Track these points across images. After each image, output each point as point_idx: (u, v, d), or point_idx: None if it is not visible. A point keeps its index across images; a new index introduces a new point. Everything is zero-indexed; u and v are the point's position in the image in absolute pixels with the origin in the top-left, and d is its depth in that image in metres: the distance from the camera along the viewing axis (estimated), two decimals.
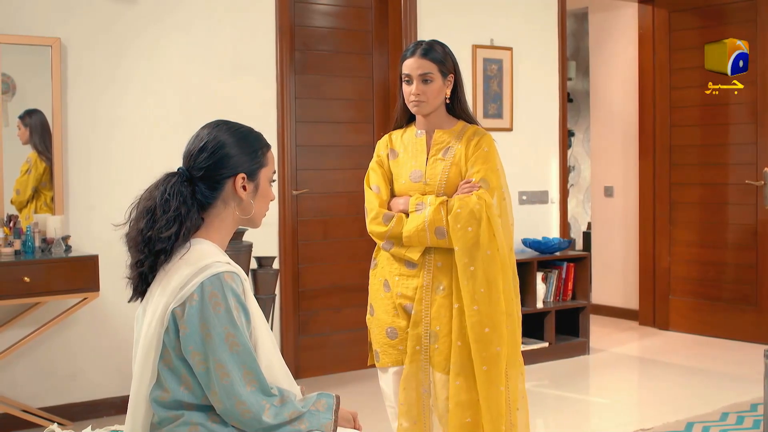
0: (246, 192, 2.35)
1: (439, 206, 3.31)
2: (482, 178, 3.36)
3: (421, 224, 3.31)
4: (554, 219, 7.12)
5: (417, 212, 3.35)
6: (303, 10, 6.01)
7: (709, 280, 7.39)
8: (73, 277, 4.63)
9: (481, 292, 3.28)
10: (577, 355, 6.69)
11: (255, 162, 2.36)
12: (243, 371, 2.18)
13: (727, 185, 7.26)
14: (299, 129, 5.96)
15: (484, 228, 3.28)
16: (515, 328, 3.41)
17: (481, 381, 3.28)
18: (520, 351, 3.47)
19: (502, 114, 6.74)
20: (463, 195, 3.33)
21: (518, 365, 3.44)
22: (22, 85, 4.97)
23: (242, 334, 2.20)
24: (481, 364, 3.28)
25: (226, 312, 2.18)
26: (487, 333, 3.28)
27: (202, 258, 2.24)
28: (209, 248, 2.29)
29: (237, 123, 2.41)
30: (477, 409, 3.31)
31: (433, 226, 3.30)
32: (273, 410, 2.22)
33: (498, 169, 3.42)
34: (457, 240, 3.29)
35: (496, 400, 3.30)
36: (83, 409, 5.11)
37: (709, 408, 5.18)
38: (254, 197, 2.38)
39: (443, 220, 3.29)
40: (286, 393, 2.29)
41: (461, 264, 3.29)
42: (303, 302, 6.03)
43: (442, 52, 3.41)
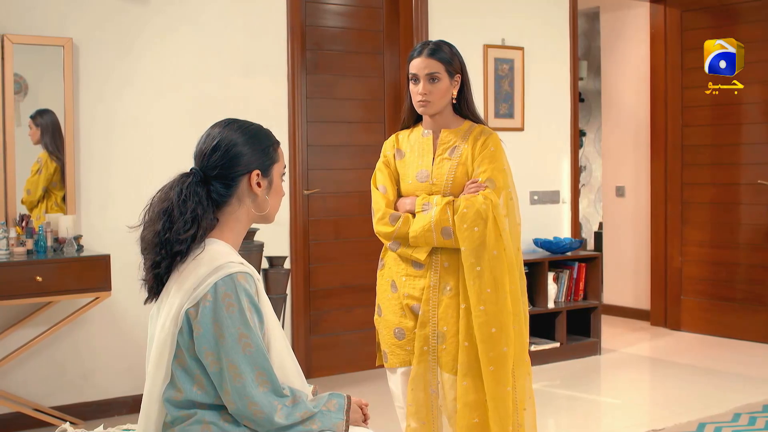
0: (261, 188, 2.37)
1: (446, 206, 3.30)
2: (489, 178, 3.35)
3: (428, 224, 3.31)
4: (565, 219, 7.11)
5: (423, 212, 3.35)
6: (314, 10, 6.01)
7: (721, 281, 7.37)
8: (85, 276, 4.64)
9: (488, 292, 3.28)
10: (589, 356, 6.67)
11: (268, 158, 2.38)
12: (255, 372, 2.19)
13: (739, 185, 7.23)
14: (310, 129, 5.97)
15: (491, 228, 3.28)
16: (522, 328, 3.41)
17: (488, 381, 3.28)
18: (527, 351, 3.46)
19: (513, 114, 6.73)
20: (469, 195, 3.33)
21: (525, 365, 3.43)
22: (34, 85, 4.98)
23: (255, 334, 2.20)
24: (488, 364, 3.27)
25: (239, 312, 2.18)
26: (494, 333, 3.27)
27: (215, 258, 2.24)
28: (223, 248, 2.30)
29: (246, 121, 2.43)
30: (484, 410, 3.31)
31: (440, 226, 3.30)
32: (285, 411, 2.22)
33: (505, 168, 3.42)
34: (464, 240, 3.28)
35: (503, 400, 3.29)
36: (95, 409, 5.12)
37: (721, 409, 5.16)
38: (269, 193, 2.40)
39: (449, 220, 3.29)
40: (298, 393, 2.29)
41: (468, 264, 3.28)
42: (314, 302, 6.04)
43: (449, 52, 3.41)
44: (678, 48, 7.53)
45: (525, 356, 3.43)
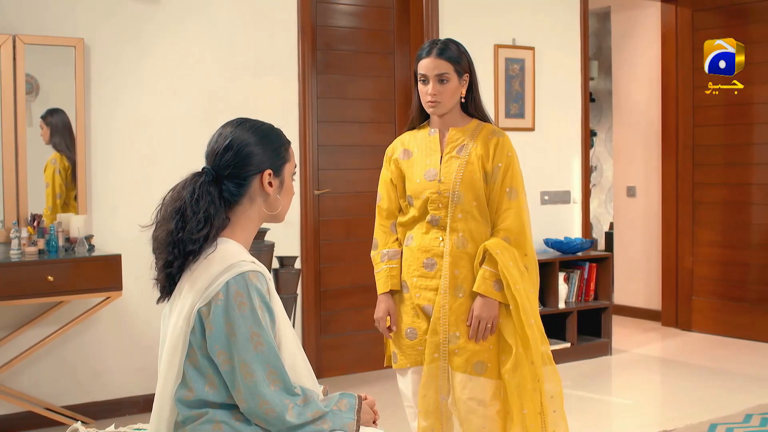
0: (272, 188, 2.37)
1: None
2: (511, 188, 3.38)
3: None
4: (576, 219, 7.09)
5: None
6: (325, 10, 6.01)
7: (732, 281, 7.34)
8: (96, 276, 4.66)
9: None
10: (600, 356, 6.66)
11: (279, 158, 2.39)
12: (267, 371, 2.19)
13: (750, 185, 7.21)
14: (321, 129, 5.97)
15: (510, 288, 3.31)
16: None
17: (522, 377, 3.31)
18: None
19: (524, 114, 6.72)
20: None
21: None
22: (45, 85, 4.99)
23: (267, 333, 2.20)
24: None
25: (251, 311, 2.19)
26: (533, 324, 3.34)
27: (227, 258, 2.25)
28: (234, 248, 2.30)
29: (258, 120, 2.43)
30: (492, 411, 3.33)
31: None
32: (296, 410, 2.22)
33: (519, 172, 3.45)
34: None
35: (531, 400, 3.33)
36: (106, 408, 5.14)
37: (733, 409, 5.14)
38: (280, 192, 2.40)
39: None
40: (309, 393, 2.29)
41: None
42: (324, 302, 6.04)
43: (457, 51, 3.40)
44: (689, 48, 7.50)
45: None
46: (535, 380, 3.32)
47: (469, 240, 3.37)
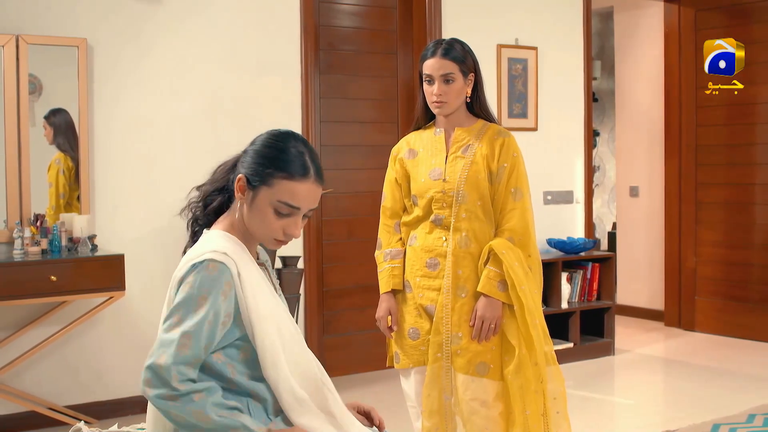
0: (242, 196, 2.27)
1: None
2: (516, 188, 3.39)
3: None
4: (579, 219, 7.09)
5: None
6: (327, 10, 6.01)
7: (735, 281, 7.34)
8: (99, 276, 4.66)
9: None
10: (602, 356, 6.66)
11: (259, 174, 2.24)
12: (181, 336, 2.11)
13: (754, 185, 7.20)
14: (324, 129, 5.97)
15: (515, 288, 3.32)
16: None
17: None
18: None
19: (526, 114, 6.72)
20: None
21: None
22: (48, 85, 4.99)
23: (197, 322, 2.12)
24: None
25: (188, 297, 2.14)
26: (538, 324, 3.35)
27: (200, 245, 2.24)
28: (214, 236, 2.27)
29: (292, 139, 2.31)
30: (494, 412, 3.33)
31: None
32: (178, 376, 2.09)
33: (525, 173, 3.45)
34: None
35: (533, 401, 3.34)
36: (109, 408, 5.14)
37: (735, 409, 5.13)
38: (249, 207, 2.27)
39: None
40: (211, 390, 2.14)
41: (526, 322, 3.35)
42: (327, 302, 6.04)
43: (462, 51, 3.40)
44: (692, 47, 7.49)
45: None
46: (538, 382, 3.31)
47: (472, 240, 3.37)
